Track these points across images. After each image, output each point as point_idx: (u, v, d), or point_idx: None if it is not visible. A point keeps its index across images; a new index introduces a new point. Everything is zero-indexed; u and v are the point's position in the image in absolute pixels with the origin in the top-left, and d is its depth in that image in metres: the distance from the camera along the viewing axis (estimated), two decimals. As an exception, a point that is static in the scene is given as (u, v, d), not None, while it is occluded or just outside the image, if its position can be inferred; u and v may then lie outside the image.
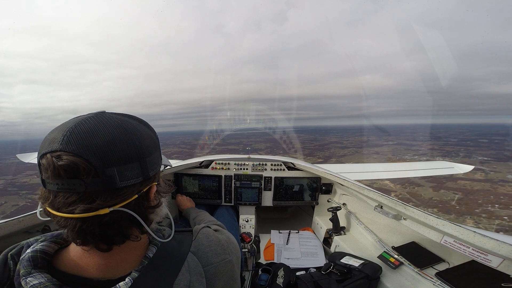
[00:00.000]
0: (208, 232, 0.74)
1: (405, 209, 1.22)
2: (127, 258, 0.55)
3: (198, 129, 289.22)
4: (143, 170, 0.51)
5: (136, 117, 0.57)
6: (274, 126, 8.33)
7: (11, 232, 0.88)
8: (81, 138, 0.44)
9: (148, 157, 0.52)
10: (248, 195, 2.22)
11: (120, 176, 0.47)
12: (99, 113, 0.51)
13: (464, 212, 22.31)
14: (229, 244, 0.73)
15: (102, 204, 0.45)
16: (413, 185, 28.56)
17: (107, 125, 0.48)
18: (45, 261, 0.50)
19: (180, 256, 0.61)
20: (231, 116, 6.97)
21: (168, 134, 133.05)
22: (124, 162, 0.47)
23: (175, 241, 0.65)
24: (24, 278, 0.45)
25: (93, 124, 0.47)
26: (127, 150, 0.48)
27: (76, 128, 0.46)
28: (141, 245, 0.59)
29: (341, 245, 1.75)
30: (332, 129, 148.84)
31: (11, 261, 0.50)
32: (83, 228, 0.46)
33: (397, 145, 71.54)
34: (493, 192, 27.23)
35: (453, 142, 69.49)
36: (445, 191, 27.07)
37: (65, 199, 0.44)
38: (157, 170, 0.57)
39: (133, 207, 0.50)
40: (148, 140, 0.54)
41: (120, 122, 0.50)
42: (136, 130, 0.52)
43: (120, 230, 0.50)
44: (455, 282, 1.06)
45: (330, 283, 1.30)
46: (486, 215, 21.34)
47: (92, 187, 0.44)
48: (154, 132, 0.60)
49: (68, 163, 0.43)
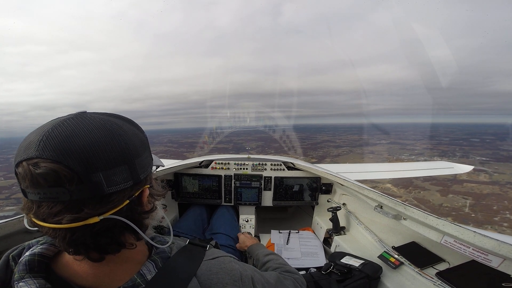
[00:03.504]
0: (224, 260, 0.65)
1: (405, 209, 1.22)
2: (123, 268, 0.51)
3: (186, 127, 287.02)
4: (132, 173, 0.47)
5: (121, 116, 0.53)
6: (266, 124, 8.31)
7: (11, 232, 0.87)
8: (60, 142, 0.40)
9: (137, 158, 0.48)
10: (248, 195, 2.22)
11: (107, 181, 0.43)
12: (79, 114, 0.47)
13: (482, 221, 21.49)
14: (244, 278, 0.64)
15: (91, 212, 0.42)
16: (417, 188, 27.80)
17: (88, 126, 0.44)
18: (44, 264, 0.48)
19: (183, 279, 0.54)
20: (221, 114, 6.97)
21: (155, 132, 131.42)
22: (110, 166, 0.43)
23: (185, 257, 0.60)
24: (16, 282, 0.44)
25: (72, 126, 0.43)
26: (113, 152, 0.44)
27: (53, 131, 0.41)
28: (137, 252, 0.55)
29: (341, 245, 1.75)
30: (323, 127, 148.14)
31: (12, 263, 0.49)
32: (73, 239, 0.43)
33: (391, 144, 71.61)
34: (505, 197, 26.57)
35: (446, 141, 69.93)
36: (453, 196, 26.37)
37: (50, 209, 0.41)
38: (148, 172, 0.53)
39: (125, 214, 0.47)
40: (136, 140, 0.50)
41: (103, 122, 0.46)
42: (121, 130, 0.47)
43: (114, 238, 0.47)
44: (456, 282, 1.06)
45: (330, 283, 1.30)
46: (508, 224, 20.34)
47: (78, 195, 0.41)
48: (142, 131, 0.56)
49: (47, 171, 0.39)
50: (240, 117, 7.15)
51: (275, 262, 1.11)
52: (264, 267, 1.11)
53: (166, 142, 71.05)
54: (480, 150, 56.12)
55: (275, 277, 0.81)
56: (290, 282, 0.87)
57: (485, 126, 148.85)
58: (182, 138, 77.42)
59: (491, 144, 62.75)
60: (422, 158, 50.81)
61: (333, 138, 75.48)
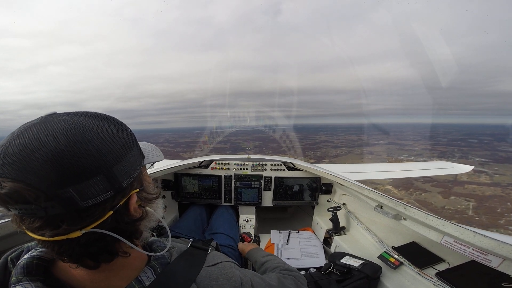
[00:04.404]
0: (224, 266, 0.63)
1: (405, 209, 1.22)
2: (120, 274, 0.50)
3: (183, 127, 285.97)
4: (111, 183, 0.41)
5: (96, 114, 0.46)
6: (264, 124, 8.29)
7: (11, 232, 0.87)
8: (17, 158, 0.36)
9: (115, 165, 0.42)
10: (248, 195, 2.22)
11: (81, 195, 0.38)
12: (45, 118, 0.41)
13: (487, 224, 21.12)
14: (245, 284, 0.63)
15: (69, 228, 0.39)
16: (418, 190, 27.52)
17: (51, 135, 0.38)
18: (42, 267, 0.47)
19: (183, 285, 0.53)
20: (219, 113, 6.97)
21: (152, 132, 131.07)
22: (81, 179, 0.38)
23: (185, 262, 0.58)
24: (13, 285, 0.43)
25: (32, 137, 0.37)
26: (83, 163, 0.38)
27: (11, 145, 0.37)
28: (135, 258, 0.53)
29: (341, 245, 1.75)
30: (320, 127, 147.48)
31: (11, 265, 0.48)
32: (61, 251, 0.42)
33: (390, 144, 71.49)
34: (508, 199, 26.27)
35: (444, 142, 70.00)
36: (456, 198, 26.08)
37: (31, 223, 0.39)
38: (134, 176, 0.47)
39: (111, 225, 0.43)
40: (114, 143, 0.44)
41: (70, 127, 0.39)
42: (93, 134, 0.41)
43: (105, 248, 0.45)
44: (455, 282, 1.07)
45: (330, 283, 1.30)
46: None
47: (52, 211, 0.37)
48: (125, 128, 0.50)
49: (10, 191, 0.35)
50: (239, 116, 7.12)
51: (274, 262, 1.12)
52: (263, 267, 1.12)
53: (163, 141, 70.73)
54: (478, 151, 56.17)
55: (275, 279, 0.81)
56: (290, 280, 0.86)
57: (482, 127, 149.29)
58: (179, 137, 77.03)
59: (489, 145, 62.83)
60: (421, 159, 50.87)
61: (331, 138, 75.36)
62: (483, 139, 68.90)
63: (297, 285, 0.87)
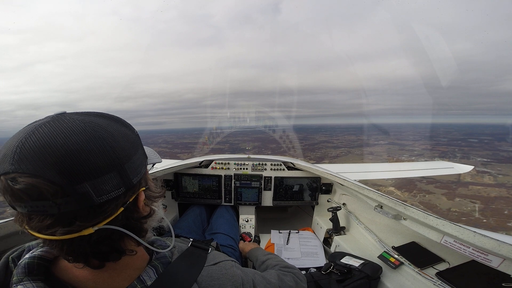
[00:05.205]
0: (226, 265, 0.64)
1: (405, 209, 1.22)
2: (123, 274, 0.50)
3: (181, 128, 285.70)
4: (123, 179, 0.43)
5: (105, 114, 0.47)
6: (263, 124, 8.28)
7: (11, 232, 0.87)
8: (36, 153, 0.36)
9: (127, 162, 0.44)
10: (248, 195, 2.22)
11: (96, 191, 0.39)
12: (57, 116, 0.41)
13: (496, 227, 20.75)
14: (246, 283, 0.63)
15: (83, 224, 0.39)
16: (422, 192, 27.00)
17: (68, 132, 0.39)
18: (43, 267, 0.47)
19: (184, 285, 0.53)
20: (218, 114, 6.96)
21: (150, 133, 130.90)
22: (97, 174, 0.39)
23: (186, 262, 0.58)
24: (15, 285, 0.43)
25: (49, 133, 0.38)
26: (99, 159, 0.39)
27: (27, 140, 0.37)
28: (137, 258, 0.53)
29: (341, 245, 1.75)
30: (320, 127, 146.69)
31: (12, 264, 0.48)
32: (71, 250, 0.42)
33: (390, 144, 71.21)
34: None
35: (444, 142, 69.74)
36: (461, 200, 25.51)
37: (41, 222, 0.38)
38: (142, 174, 0.49)
39: (122, 222, 0.44)
40: (124, 141, 0.45)
41: (84, 125, 0.41)
42: (106, 133, 0.42)
43: (113, 246, 0.46)
44: (456, 282, 1.06)
45: (330, 283, 1.30)
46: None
47: (66, 208, 0.37)
48: (132, 128, 0.51)
49: (27, 187, 0.35)
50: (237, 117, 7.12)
51: (274, 260, 1.14)
52: (263, 265, 1.14)
53: (161, 142, 70.74)
54: (479, 150, 55.94)
55: (275, 276, 0.82)
56: (289, 277, 0.88)
57: (482, 127, 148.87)
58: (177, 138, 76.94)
59: (489, 144, 62.56)
60: (422, 159, 50.75)
61: (331, 138, 75.15)
62: (483, 139, 68.68)
63: (296, 282, 0.88)
